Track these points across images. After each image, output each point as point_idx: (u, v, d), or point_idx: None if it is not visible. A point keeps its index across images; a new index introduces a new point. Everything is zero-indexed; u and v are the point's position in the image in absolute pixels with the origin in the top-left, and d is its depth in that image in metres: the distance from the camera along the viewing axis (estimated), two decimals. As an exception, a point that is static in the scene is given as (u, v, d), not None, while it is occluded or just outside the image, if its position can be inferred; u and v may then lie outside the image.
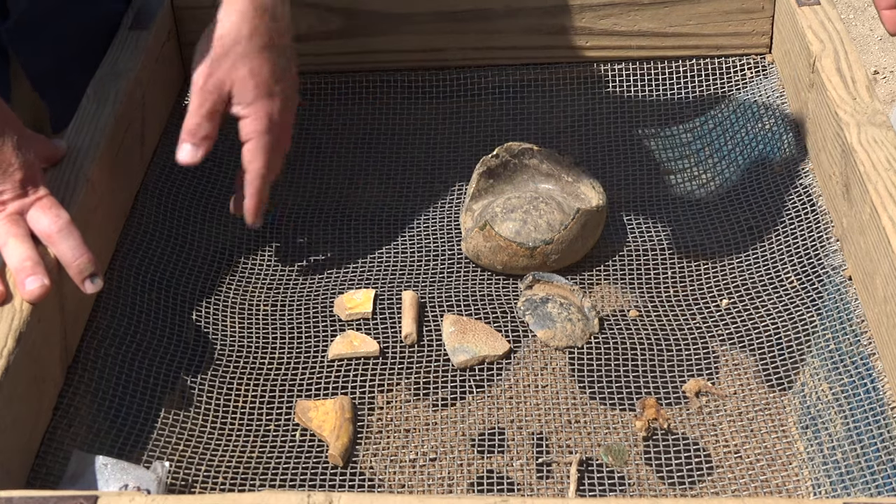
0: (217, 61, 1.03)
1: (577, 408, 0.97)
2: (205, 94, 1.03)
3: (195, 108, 1.03)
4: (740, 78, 1.30)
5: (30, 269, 0.90)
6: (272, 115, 1.03)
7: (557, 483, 0.91)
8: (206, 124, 1.03)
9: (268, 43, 1.03)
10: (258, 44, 1.03)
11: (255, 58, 1.03)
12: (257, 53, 1.03)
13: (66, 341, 0.95)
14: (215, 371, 1.01)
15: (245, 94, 1.03)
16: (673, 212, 1.17)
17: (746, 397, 0.97)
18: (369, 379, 1.00)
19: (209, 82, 1.03)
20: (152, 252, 1.10)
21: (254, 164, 1.04)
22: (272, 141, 1.04)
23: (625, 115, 1.29)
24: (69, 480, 0.86)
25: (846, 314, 0.99)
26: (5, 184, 0.92)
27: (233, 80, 1.03)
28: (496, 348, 1.02)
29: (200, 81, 1.03)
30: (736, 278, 1.08)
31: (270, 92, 1.03)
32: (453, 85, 1.33)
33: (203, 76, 1.03)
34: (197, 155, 1.04)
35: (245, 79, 1.02)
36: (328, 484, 0.92)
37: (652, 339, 1.03)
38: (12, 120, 0.95)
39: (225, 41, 1.02)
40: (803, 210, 1.11)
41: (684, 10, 1.30)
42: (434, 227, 1.17)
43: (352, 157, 1.27)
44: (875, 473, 0.86)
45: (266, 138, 1.03)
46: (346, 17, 1.31)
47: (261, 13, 1.02)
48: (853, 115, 1.05)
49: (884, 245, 0.92)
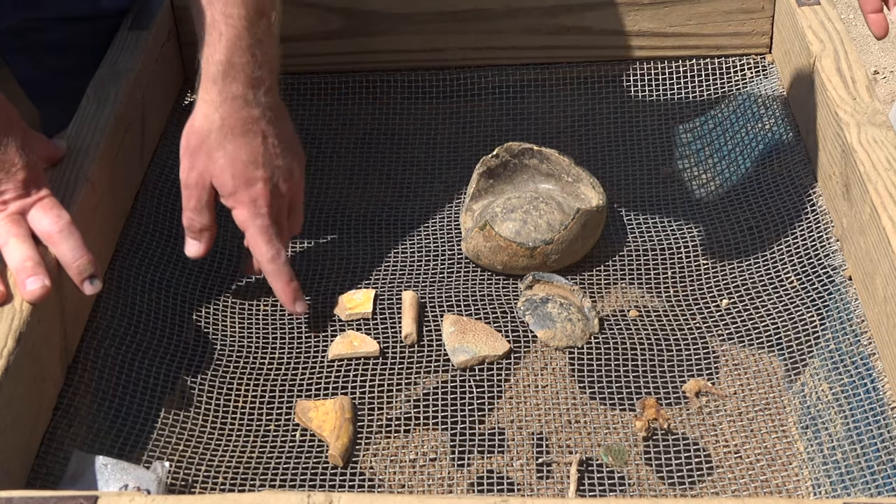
0: (193, 155, 1.02)
1: (577, 408, 0.97)
2: (189, 190, 1.02)
3: (184, 204, 1.03)
4: (740, 78, 1.30)
5: (30, 269, 0.90)
6: (257, 201, 1.01)
7: (557, 483, 0.91)
8: (198, 218, 1.03)
9: (241, 129, 1.01)
10: (230, 131, 1.00)
11: (228, 146, 1.00)
12: (231, 141, 1.00)
13: (66, 341, 0.95)
14: (215, 371, 1.01)
15: (224, 186, 1.01)
16: (673, 212, 1.17)
17: (746, 397, 0.97)
18: (369, 379, 1.00)
19: (190, 177, 1.02)
20: (152, 252, 1.10)
21: (257, 254, 1.03)
22: (265, 224, 1.02)
23: (625, 115, 1.29)
24: (69, 480, 0.86)
25: (846, 314, 0.99)
26: (8, 183, 0.92)
27: (211, 173, 1.01)
28: (496, 348, 1.02)
29: (183, 177, 1.02)
30: (736, 278, 1.08)
31: (250, 178, 1.01)
32: (453, 85, 1.33)
33: (184, 172, 1.02)
34: (201, 248, 1.05)
35: (222, 170, 1.01)
36: (328, 484, 0.92)
37: (652, 339, 1.03)
38: (16, 120, 0.95)
39: (199, 133, 1.01)
40: (803, 210, 1.11)
41: (684, 10, 1.30)
42: (434, 227, 1.17)
43: (352, 157, 1.27)
44: (875, 473, 0.86)
45: (257, 224, 1.02)
46: (346, 17, 1.31)
47: (230, 100, 1.00)
48: (853, 115, 1.05)
49: (884, 245, 0.92)
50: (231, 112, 1.00)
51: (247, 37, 1.00)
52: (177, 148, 1.04)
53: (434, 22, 1.32)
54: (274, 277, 1.03)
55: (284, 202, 1.04)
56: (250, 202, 1.01)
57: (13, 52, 1.29)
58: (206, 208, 1.03)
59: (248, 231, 1.03)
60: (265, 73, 1.01)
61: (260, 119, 1.02)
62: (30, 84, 1.32)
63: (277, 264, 1.03)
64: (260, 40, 1.01)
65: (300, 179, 1.06)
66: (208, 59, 1.01)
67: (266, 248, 1.02)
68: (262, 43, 1.01)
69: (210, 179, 1.02)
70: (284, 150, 1.03)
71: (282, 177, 1.03)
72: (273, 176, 1.02)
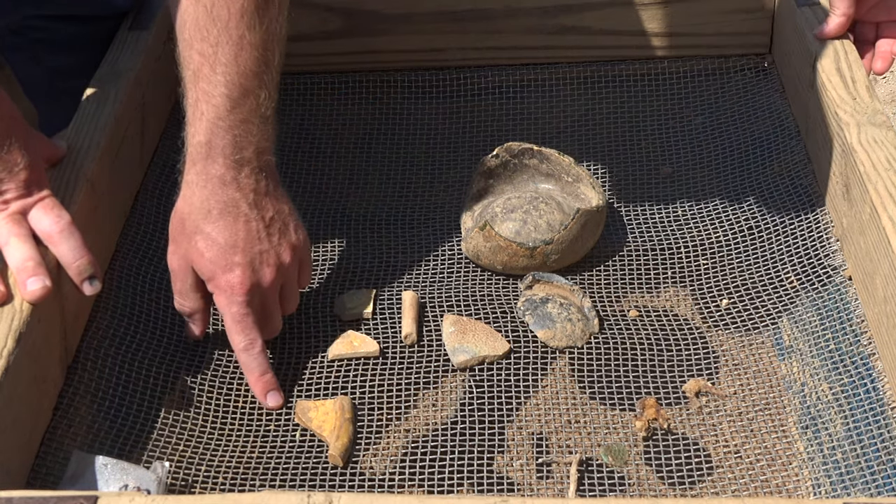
0: (176, 238, 0.99)
1: (577, 408, 0.97)
2: (175, 274, 1.00)
3: (174, 288, 1.01)
4: (740, 78, 1.30)
5: (31, 269, 0.90)
6: (234, 288, 0.96)
7: (557, 483, 0.91)
8: (186, 302, 1.00)
9: (220, 211, 0.96)
10: (208, 214, 0.96)
11: (207, 229, 0.96)
12: (210, 223, 0.96)
13: (66, 341, 0.95)
14: (215, 371, 1.01)
15: (203, 270, 0.97)
16: (673, 212, 1.17)
17: (746, 397, 0.97)
18: (369, 379, 1.00)
19: (174, 261, 0.99)
20: (152, 252, 1.10)
21: (232, 341, 0.98)
22: (239, 313, 0.97)
23: (625, 115, 1.29)
24: (69, 480, 0.86)
25: (846, 314, 0.99)
26: (10, 183, 0.92)
27: (191, 258, 0.98)
28: (496, 348, 1.02)
29: (168, 261, 1.00)
30: (736, 278, 1.08)
31: (228, 264, 0.96)
32: (453, 85, 1.33)
33: (169, 255, 1.00)
34: (197, 329, 1.02)
35: (200, 254, 0.97)
36: (328, 484, 0.92)
37: (652, 339, 1.03)
38: (19, 120, 0.95)
39: (180, 215, 0.98)
40: (803, 210, 1.11)
41: (684, 10, 1.30)
42: (434, 227, 1.17)
43: (352, 157, 1.27)
44: (875, 473, 0.86)
45: (232, 311, 0.97)
46: (346, 17, 1.32)
47: (210, 181, 0.96)
48: (853, 115, 1.05)
49: (884, 245, 0.92)
50: (210, 194, 0.96)
51: (227, 117, 0.96)
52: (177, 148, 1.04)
53: (434, 22, 1.32)
54: (246, 369, 0.98)
55: (270, 288, 0.98)
56: (227, 288, 0.97)
57: (14, 51, 1.29)
58: (191, 291, 0.99)
59: (223, 318, 0.99)
60: (250, 154, 0.97)
61: (241, 201, 0.97)
62: (30, 83, 1.32)
63: (250, 355, 0.98)
64: (244, 120, 0.97)
65: (292, 262, 1.00)
66: (190, 138, 0.98)
67: (238, 338, 0.97)
68: (246, 123, 0.97)
69: (191, 263, 0.98)
70: (271, 233, 0.98)
71: (266, 262, 0.98)
72: (253, 261, 0.97)
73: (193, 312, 1.01)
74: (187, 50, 0.98)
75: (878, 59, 1.18)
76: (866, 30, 1.20)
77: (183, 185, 0.98)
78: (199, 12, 0.97)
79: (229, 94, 0.96)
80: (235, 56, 0.97)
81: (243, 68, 0.97)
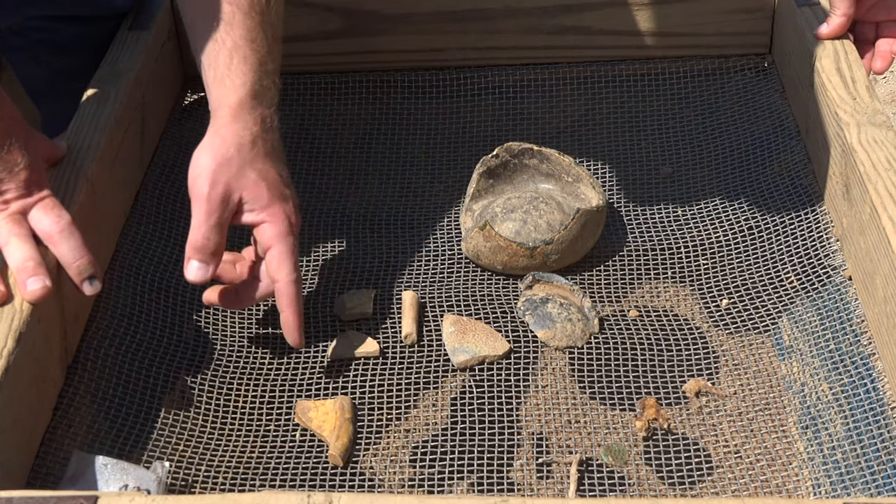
0: (220, 169, 0.97)
1: (577, 408, 0.97)
2: (211, 204, 0.96)
3: (202, 219, 0.96)
4: (740, 78, 1.30)
5: (31, 269, 0.90)
6: (290, 217, 0.99)
7: (557, 483, 0.91)
8: (214, 237, 0.97)
9: (270, 151, 1.00)
10: (261, 151, 0.99)
11: (260, 163, 0.99)
12: (262, 159, 0.99)
13: (66, 341, 0.95)
14: (215, 371, 1.01)
15: (259, 198, 0.97)
16: (673, 212, 1.17)
17: (746, 397, 0.97)
18: (369, 379, 1.00)
19: (214, 192, 0.96)
20: (152, 252, 1.10)
21: (283, 271, 0.97)
22: (294, 245, 0.98)
23: (625, 115, 1.29)
24: (69, 481, 0.86)
25: (846, 314, 0.99)
26: (10, 183, 0.92)
27: (242, 187, 0.97)
28: (496, 348, 1.02)
29: (206, 190, 0.96)
30: (736, 278, 1.08)
31: (284, 194, 0.99)
32: (453, 85, 1.33)
33: (207, 185, 0.96)
34: (208, 273, 0.97)
35: (256, 183, 0.97)
36: (328, 484, 0.92)
37: (652, 339, 1.03)
38: (19, 120, 0.95)
39: (227, 149, 0.97)
40: (803, 210, 1.11)
41: (684, 10, 1.30)
42: (434, 227, 1.17)
43: (352, 157, 1.27)
44: (875, 473, 0.86)
45: (289, 240, 0.98)
46: (346, 17, 1.32)
47: (260, 121, 1.00)
48: (853, 115, 1.05)
49: (884, 245, 0.92)
50: (260, 132, 0.99)
51: (268, 62, 1.02)
52: (177, 148, 1.04)
53: (434, 22, 1.32)
54: (288, 301, 0.97)
55: None
56: (285, 217, 0.98)
57: (14, 51, 1.29)
58: (224, 227, 0.98)
59: (275, 247, 0.98)
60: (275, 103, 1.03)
61: (280, 147, 1.02)
62: (30, 83, 1.32)
63: (297, 288, 0.98)
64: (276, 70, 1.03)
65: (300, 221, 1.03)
66: (232, 83, 1.00)
67: (290, 268, 0.97)
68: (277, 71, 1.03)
69: (239, 194, 0.97)
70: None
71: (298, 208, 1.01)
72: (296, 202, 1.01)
73: (216, 252, 0.97)
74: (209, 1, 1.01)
75: (878, 59, 1.18)
76: (866, 29, 1.20)
77: (224, 121, 0.99)
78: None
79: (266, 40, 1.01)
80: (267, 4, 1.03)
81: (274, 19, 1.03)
